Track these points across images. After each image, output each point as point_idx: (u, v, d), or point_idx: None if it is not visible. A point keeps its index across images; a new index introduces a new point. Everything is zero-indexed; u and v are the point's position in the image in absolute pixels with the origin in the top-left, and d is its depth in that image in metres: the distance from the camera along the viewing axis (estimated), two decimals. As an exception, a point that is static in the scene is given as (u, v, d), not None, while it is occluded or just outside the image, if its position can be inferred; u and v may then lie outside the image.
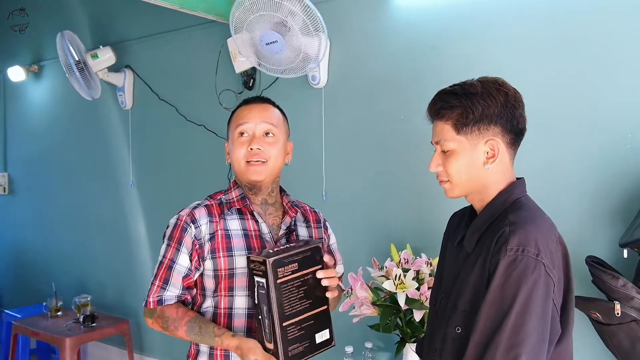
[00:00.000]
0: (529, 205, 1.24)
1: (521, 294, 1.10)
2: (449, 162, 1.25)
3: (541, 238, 1.14)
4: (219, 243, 1.46)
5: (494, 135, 1.23)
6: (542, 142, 2.08)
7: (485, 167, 1.24)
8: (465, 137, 1.23)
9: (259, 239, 1.50)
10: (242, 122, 1.50)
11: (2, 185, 4.66)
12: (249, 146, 1.49)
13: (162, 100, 3.44)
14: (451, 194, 1.29)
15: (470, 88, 1.23)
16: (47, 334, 3.30)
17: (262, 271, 1.29)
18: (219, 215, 1.50)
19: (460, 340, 1.20)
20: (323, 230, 1.68)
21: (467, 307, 1.20)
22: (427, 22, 2.39)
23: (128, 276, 3.72)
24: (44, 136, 4.33)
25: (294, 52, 2.47)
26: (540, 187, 2.09)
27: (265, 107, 1.54)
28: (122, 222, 3.74)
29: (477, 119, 1.21)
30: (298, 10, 2.34)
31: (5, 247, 4.78)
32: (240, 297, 1.46)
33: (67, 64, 3.38)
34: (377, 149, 2.57)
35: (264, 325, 1.32)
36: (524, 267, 1.11)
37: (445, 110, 1.24)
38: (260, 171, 1.50)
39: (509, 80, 2.12)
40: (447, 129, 1.24)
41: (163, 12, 3.05)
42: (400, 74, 2.48)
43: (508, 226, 1.16)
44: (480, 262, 1.19)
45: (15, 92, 4.56)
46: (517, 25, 2.16)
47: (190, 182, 3.36)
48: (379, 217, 2.57)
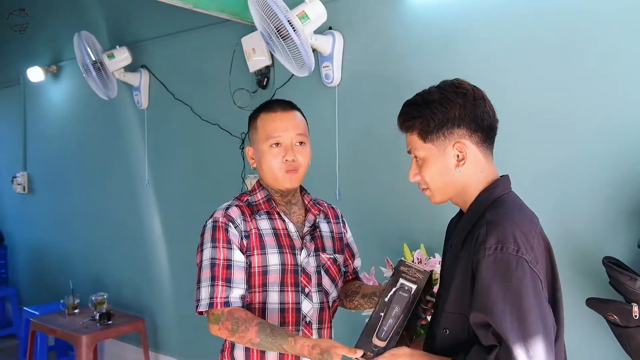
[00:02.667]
0: (508, 202, 1.23)
1: (509, 294, 1.08)
2: (423, 171, 1.27)
3: (519, 233, 1.13)
4: (254, 242, 1.52)
5: (460, 137, 1.23)
6: (557, 141, 2.05)
7: (457, 170, 1.24)
8: (432, 144, 1.24)
9: (287, 237, 1.57)
10: (276, 134, 1.54)
11: (22, 185, 4.74)
12: (285, 157, 1.54)
13: (177, 99, 3.46)
14: (434, 200, 1.31)
15: (429, 96, 1.25)
16: (64, 331, 3.34)
17: (416, 278, 1.33)
18: (249, 215, 1.56)
19: (446, 340, 1.21)
20: (342, 225, 1.74)
21: (452, 309, 1.20)
22: (441, 21, 2.37)
23: (144, 274, 3.75)
24: (62, 136, 4.39)
25: (282, 55, 2.46)
26: (556, 188, 2.07)
27: (293, 115, 1.59)
28: (137, 221, 3.77)
29: (439, 125, 1.23)
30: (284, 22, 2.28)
31: (24, 245, 4.86)
32: (274, 292, 1.52)
33: (84, 64, 3.42)
34: (391, 148, 2.55)
35: (384, 324, 1.32)
36: (505, 264, 1.10)
37: (408, 122, 1.27)
38: (295, 178, 1.56)
39: (525, 78, 2.12)
40: (414, 139, 1.27)
41: (178, 12, 3.07)
42: (414, 72, 2.46)
43: (485, 225, 1.16)
44: (462, 263, 1.19)
45: (35, 93, 4.63)
46: (531, 24, 2.13)
47: (204, 180, 3.38)
48: (393, 216, 2.55)
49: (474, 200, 1.25)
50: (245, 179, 3.10)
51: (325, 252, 1.62)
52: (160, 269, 3.63)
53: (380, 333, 1.31)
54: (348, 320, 2.65)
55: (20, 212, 4.90)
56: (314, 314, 1.56)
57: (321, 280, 1.59)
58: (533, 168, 2.09)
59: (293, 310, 1.53)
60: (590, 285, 1.94)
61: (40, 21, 4.58)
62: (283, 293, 1.53)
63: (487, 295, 1.09)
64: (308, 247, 1.58)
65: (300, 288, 1.55)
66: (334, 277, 1.63)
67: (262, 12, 2.28)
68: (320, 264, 1.60)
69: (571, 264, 1.98)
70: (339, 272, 1.65)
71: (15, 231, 4.92)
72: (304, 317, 1.55)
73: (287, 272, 1.54)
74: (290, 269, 1.54)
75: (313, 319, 1.56)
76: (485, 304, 1.10)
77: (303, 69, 2.45)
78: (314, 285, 1.57)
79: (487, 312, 1.09)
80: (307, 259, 1.57)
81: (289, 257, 1.54)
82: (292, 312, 1.53)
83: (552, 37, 2.08)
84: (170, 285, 3.57)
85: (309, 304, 1.56)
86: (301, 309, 1.54)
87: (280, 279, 1.52)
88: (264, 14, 2.28)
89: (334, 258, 1.64)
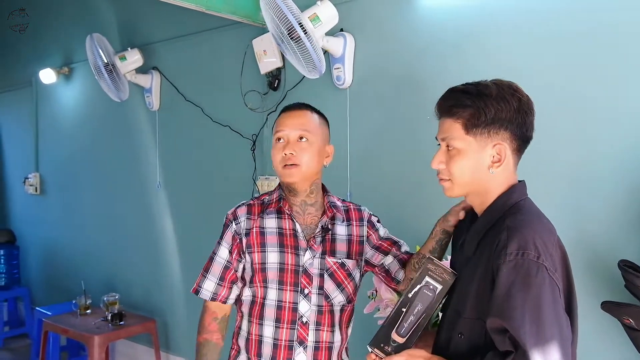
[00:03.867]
0: (527, 209, 1.22)
1: (529, 300, 1.08)
2: (453, 161, 1.23)
3: (540, 241, 1.12)
4: (254, 239, 1.60)
5: (503, 140, 1.22)
6: (572, 145, 2.04)
7: (490, 171, 1.22)
8: (474, 137, 1.21)
9: (293, 237, 1.60)
10: (279, 129, 1.62)
11: (34, 186, 4.77)
12: (284, 151, 1.59)
13: (189, 101, 3.47)
14: (450, 193, 1.28)
15: (485, 89, 1.21)
16: (76, 332, 3.36)
17: (442, 278, 1.30)
18: (258, 213, 1.64)
19: (462, 345, 1.20)
20: (366, 227, 1.72)
21: (471, 314, 1.19)
22: (453, 21, 2.36)
23: (155, 275, 3.77)
24: (74, 137, 4.42)
25: (292, 56, 2.46)
26: (571, 191, 2.06)
27: (302, 113, 1.64)
28: (149, 222, 3.79)
29: (489, 121, 1.20)
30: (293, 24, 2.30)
31: (36, 245, 4.89)
32: (272, 289, 1.58)
33: (96, 66, 3.44)
34: (403, 150, 2.55)
35: (405, 320, 1.31)
36: (526, 271, 1.09)
37: (457, 108, 1.22)
38: (293, 174, 1.58)
39: (535, 79, 2.11)
40: (456, 127, 1.22)
41: (189, 15, 3.08)
42: (425, 74, 2.45)
43: (505, 231, 1.15)
44: (481, 269, 1.18)
45: (47, 94, 4.66)
46: (542, 24, 2.11)
47: (215, 182, 3.39)
48: (404, 218, 2.54)
49: (490, 205, 1.24)
50: (256, 181, 3.10)
51: (333, 255, 1.62)
52: (171, 270, 3.65)
53: (400, 329, 1.30)
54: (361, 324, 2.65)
55: (32, 213, 4.94)
56: (311, 315, 1.59)
57: (323, 283, 1.60)
58: (548, 171, 2.07)
59: (290, 309, 1.58)
60: (605, 288, 1.92)
61: (52, 23, 4.62)
62: (281, 291, 1.58)
63: (506, 301, 1.09)
64: (314, 249, 1.60)
65: (300, 288, 1.58)
66: (339, 282, 1.63)
67: (273, 15, 2.29)
68: (325, 267, 1.61)
69: (586, 267, 1.97)
70: (348, 276, 1.65)
71: (27, 232, 4.96)
72: (301, 317, 1.58)
73: (287, 271, 1.58)
74: (290, 268, 1.58)
75: (310, 320, 1.59)
76: (503, 309, 1.09)
77: (314, 71, 2.46)
78: (314, 287, 1.59)
79: (505, 318, 1.08)
80: (312, 261, 1.59)
81: (290, 257, 1.59)
82: (289, 311, 1.58)
83: (565, 38, 2.07)
84: (181, 286, 3.58)
85: (307, 304, 1.59)
86: (298, 308, 1.58)
87: (279, 277, 1.58)
88: (275, 16, 2.29)
89: (341, 263, 1.63)
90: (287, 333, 1.57)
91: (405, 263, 1.71)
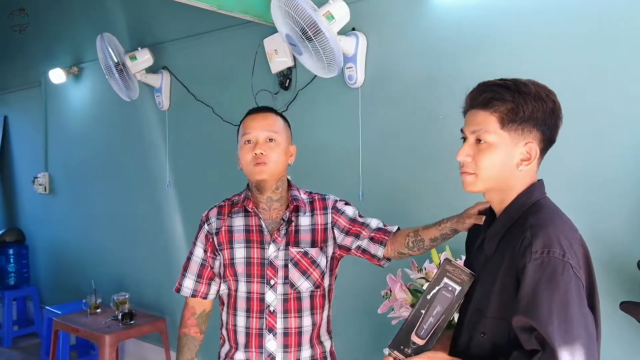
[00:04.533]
0: (548, 207, 1.22)
1: (556, 298, 1.08)
2: (483, 155, 1.21)
3: (564, 239, 1.12)
4: (223, 237, 1.75)
5: (533, 139, 1.21)
6: (589, 143, 2.03)
7: (519, 168, 1.21)
8: (508, 133, 1.19)
9: (259, 232, 1.73)
10: (248, 131, 1.71)
11: (43, 185, 4.79)
12: (254, 151, 1.69)
13: (199, 101, 3.47)
14: (472, 187, 1.25)
15: (524, 87, 1.20)
16: (87, 331, 3.36)
17: (460, 279, 1.30)
18: (227, 214, 1.78)
19: (484, 345, 1.20)
20: (331, 214, 1.78)
21: (494, 314, 1.19)
22: (465, 21, 2.35)
23: (164, 275, 3.77)
24: (83, 137, 4.43)
25: (310, 57, 2.45)
26: (588, 189, 2.04)
27: (267, 115, 1.75)
28: (158, 222, 3.79)
29: (525, 118, 1.19)
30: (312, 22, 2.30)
31: (45, 245, 4.91)
32: (242, 282, 1.71)
33: (107, 65, 3.45)
34: (415, 149, 2.54)
35: (425, 322, 1.31)
36: (552, 269, 1.09)
37: (496, 101, 1.19)
38: (264, 171, 1.69)
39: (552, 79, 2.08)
40: (492, 120, 1.20)
41: (199, 14, 3.08)
42: (438, 73, 2.44)
43: (530, 229, 1.14)
44: (504, 268, 1.17)
45: (56, 94, 4.67)
46: (559, 25, 2.10)
47: (225, 182, 3.38)
48: (417, 217, 2.53)
49: (510, 203, 1.24)
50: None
51: (297, 246, 1.72)
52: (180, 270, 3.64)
53: (420, 331, 1.30)
54: (371, 324, 2.65)
55: (41, 212, 4.95)
56: (277, 304, 1.70)
57: (288, 273, 1.71)
58: (565, 171, 2.06)
59: (257, 300, 1.70)
60: (623, 288, 1.91)
61: (61, 23, 4.63)
62: (249, 283, 1.71)
63: (533, 299, 1.08)
64: (277, 242, 1.71)
65: (266, 280, 1.70)
66: (304, 269, 1.72)
67: (291, 12, 2.28)
68: (289, 257, 1.71)
69: (604, 267, 1.95)
70: (312, 263, 1.73)
71: (36, 231, 4.97)
72: (268, 306, 1.70)
73: (253, 264, 1.71)
74: (257, 262, 1.71)
75: (277, 308, 1.70)
76: (530, 308, 1.09)
77: (332, 68, 2.44)
78: (280, 278, 1.70)
79: (532, 316, 1.08)
80: (277, 253, 1.71)
81: (256, 251, 1.71)
82: (257, 302, 1.70)
83: (581, 39, 2.06)
84: (191, 285, 3.58)
85: (273, 294, 1.70)
86: (265, 299, 1.70)
87: (247, 270, 1.71)
88: (294, 14, 2.28)
89: (304, 251, 1.72)
90: (257, 322, 1.70)
91: (381, 242, 1.73)
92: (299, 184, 1.85)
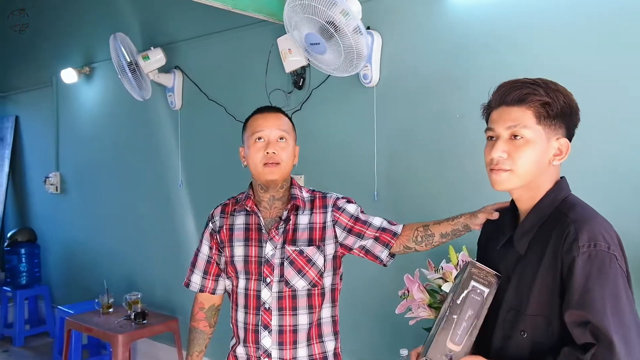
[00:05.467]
0: (580, 203, 1.24)
1: (607, 290, 1.09)
2: (521, 151, 1.20)
3: (605, 232, 1.15)
4: (225, 235, 1.78)
5: (562, 134, 1.23)
6: (608, 138, 2.01)
7: (553, 163, 1.22)
8: (543, 128, 1.20)
9: (258, 231, 1.74)
10: (260, 129, 1.70)
11: (54, 185, 4.80)
12: (266, 150, 1.68)
13: (211, 100, 3.47)
14: (505, 185, 1.23)
15: (552, 84, 1.22)
16: (99, 330, 3.37)
17: (487, 282, 1.30)
18: (229, 212, 1.80)
19: (524, 343, 1.20)
20: (331, 212, 1.76)
21: (533, 311, 1.19)
22: (481, 19, 2.34)
23: (176, 274, 3.75)
24: (95, 136, 4.44)
25: (335, 54, 2.44)
26: (609, 185, 2.02)
27: (278, 115, 1.76)
28: (171, 221, 3.79)
29: (558, 114, 1.21)
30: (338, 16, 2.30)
31: (57, 244, 4.92)
32: (242, 279, 1.75)
33: (120, 65, 3.45)
34: (431, 149, 2.52)
35: (458, 327, 1.29)
36: (600, 261, 1.11)
37: (530, 96, 1.20)
38: (275, 171, 1.69)
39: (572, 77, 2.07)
40: (528, 115, 1.20)
41: (212, 13, 3.07)
42: (454, 71, 2.42)
43: (572, 224, 1.15)
44: (544, 265, 1.18)
45: (68, 94, 4.68)
46: (577, 22, 2.09)
47: (237, 181, 3.36)
48: (433, 218, 2.51)
49: (540, 201, 1.24)
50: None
51: (293, 244, 1.71)
52: (192, 269, 3.64)
53: (454, 337, 1.29)
54: (381, 324, 2.63)
55: (52, 212, 4.96)
56: (272, 301, 1.71)
57: (284, 271, 1.71)
58: (585, 165, 2.04)
59: (254, 297, 1.73)
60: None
61: (73, 23, 4.64)
62: (247, 281, 1.74)
63: (586, 293, 1.10)
64: (274, 241, 1.72)
65: (263, 277, 1.72)
66: (299, 268, 1.71)
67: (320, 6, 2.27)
68: (285, 255, 1.71)
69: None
70: (307, 262, 1.72)
71: (47, 230, 4.99)
72: (263, 303, 1.72)
73: (251, 262, 1.73)
74: (254, 260, 1.73)
75: (272, 306, 1.71)
76: (584, 301, 1.10)
77: (359, 63, 2.43)
78: (276, 276, 1.71)
79: (587, 309, 1.09)
80: (274, 252, 1.71)
81: (254, 250, 1.73)
82: (254, 299, 1.73)
83: (601, 36, 2.04)
84: (203, 285, 3.58)
85: (268, 292, 1.71)
86: (261, 296, 1.72)
87: (245, 268, 1.74)
88: (323, 7, 2.28)
89: (300, 250, 1.71)
90: (253, 318, 1.73)
91: (387, 244, 1.74)
92: (313, 184, 1.85)
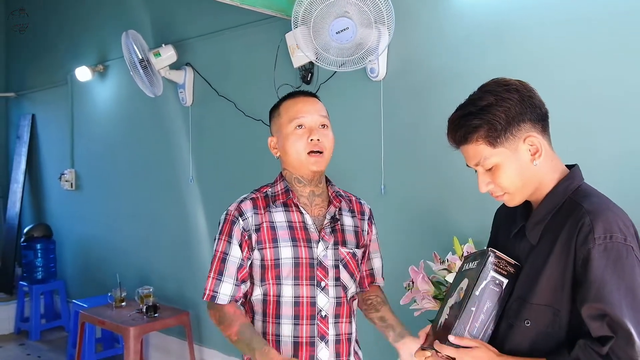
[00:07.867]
0: (595, 192, 1.22)
1: (624, 283, 1.08)
2: (498, 177, 1.23)
3: (622, 223, 1.13)
4: (265, 235, 1.53)
5: (527, 131, 1.21)
6: (618, 132, 2.00)
7: (534, 163, 1.21)
8: (503, 147, 1.20)
9: (304, 230, 1.55)
10: (300, 115, 1.54)
11: (70, 181, 4.88)
12: (309, 137, 1.52)
13: (221, 96, 3.50)
14: (513, 202, 1.27)
15: (481, 101, 1.21)
16: (112, 323, 3.42)
17: (507, 272, 1.26)
18: (264, 207, 1.56)
19: (528, 333, 1.19)
20: (367, 222, 1.70)
21: (539, 301, 1.18)
22: (490, 14, 2.33)
23: (188, 269, 3.81)
24: (109, 133, 4.51)
25: (355, 42, 2.46)
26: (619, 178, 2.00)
27: (316, 100, 1.61)
28: (182, 217, 3.83)
29: (505, 125, 1.19)
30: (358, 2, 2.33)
31: (72, 240, 5.00)
32: (287, 286, 1.52)
33: (132, 62, 3.50)
34: (438, 143, 2.51)
35: (476, 319, 1.25)
36: (616, 253, 1.09)
37: (470, 134, 1.21)
38: (320, 161, 1.54)
39: (578, 72, 2.07)
40: (481, 148, 1.22)
41: (222, 10, 3.11)
42: (462, 66, 2.42)
43: (587, 215, 1.13)
44: (555, 256, 1.17)
45: (82, 91, 4.76)
46: (584, 18, 2.07)
47: (248, 176, 3.41)
48: (439, 210, 2.53)
49: (552, 190, 1.23)
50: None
51: (345, 245, 1.60)
52: (204, 264, 3.68)
53: (472, 329, 1.25)
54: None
55: (68, 208, 5.05)
56: (330, 308, 1.54)
57: (339, 274, 1.57)
58: (594, 159, 2.03)
59: (308, 304, 1.52)
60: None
61: (86, 22, 4.71)
62: (297, 287, 1.52)
63: (602, 286, 1.09)
64: (326, 240, 1.56)
65: (316, 282, 1.53)
66: (352, 272, 1.61)
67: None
68: (339, 257, 1.57)
69: None
70: (357, 266, 1.64)
71: (63, 226, 5.07)
72: (319, 311, 1.53)
73: (302, 265, 1.52)
74: (305, 262, 1.53)
75: (329, 313, 1.54)
76: (601, 294, 1.09)
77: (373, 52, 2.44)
78: (331, 279, 1.55)
79: (605, 302, 1.08)
80: (325, 252, 1.55)
81: (304, 251, 1.53)
82: (307, 306, 1.52)
83: (608, 32, 2.02)
84: (214, 279, 3.61)
85: (325, 298, 1.54)
86: (316, 302, 1.53)
87: (294, 272, 1.52)
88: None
89: (353, 253, 1.61)
90: (307, 329, 1.52)
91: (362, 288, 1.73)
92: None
